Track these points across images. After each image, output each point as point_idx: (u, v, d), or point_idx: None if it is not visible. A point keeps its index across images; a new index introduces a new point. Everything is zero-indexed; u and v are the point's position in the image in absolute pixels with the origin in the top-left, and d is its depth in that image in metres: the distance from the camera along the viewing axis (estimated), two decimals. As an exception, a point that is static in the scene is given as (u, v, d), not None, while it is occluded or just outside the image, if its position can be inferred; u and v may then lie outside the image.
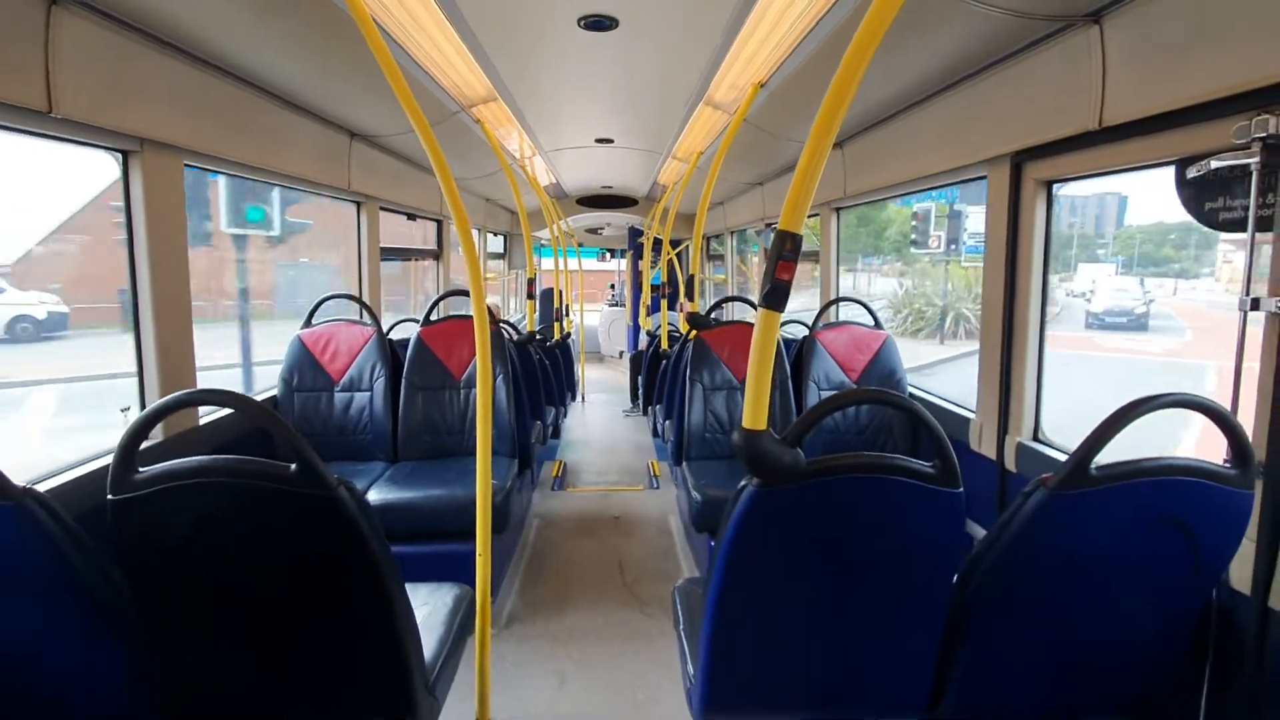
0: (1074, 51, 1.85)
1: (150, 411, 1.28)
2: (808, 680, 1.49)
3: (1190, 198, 1.66)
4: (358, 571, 1.34)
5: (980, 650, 1.44)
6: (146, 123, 2.07)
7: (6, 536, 1.15)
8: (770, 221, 5.57)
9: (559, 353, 5.83)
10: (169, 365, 2.25)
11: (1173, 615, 1.44)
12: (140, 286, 2.18)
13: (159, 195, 2.17)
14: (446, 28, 2.33)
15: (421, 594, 1.93)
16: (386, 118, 3.32)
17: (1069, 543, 1.32)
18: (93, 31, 1.83)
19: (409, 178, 4.45)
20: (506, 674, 2.55)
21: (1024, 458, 2.25)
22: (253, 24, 2.06)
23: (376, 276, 4.00)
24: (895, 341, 3.39)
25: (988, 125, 2.30)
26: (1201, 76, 1.51)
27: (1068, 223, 10.84)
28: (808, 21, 2.18)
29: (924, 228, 10.59)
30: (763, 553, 1.33)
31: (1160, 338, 10.01)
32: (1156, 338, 10.02)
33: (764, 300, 1.23)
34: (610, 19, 2.26)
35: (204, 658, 1.41)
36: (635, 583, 3.30)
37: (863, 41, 1.14)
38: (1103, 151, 1.86)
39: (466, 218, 1.95)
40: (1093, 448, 1.26)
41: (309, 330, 3.34)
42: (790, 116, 3.27)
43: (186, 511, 1.27)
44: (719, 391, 3.43)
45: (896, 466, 1.27)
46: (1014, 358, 2.29)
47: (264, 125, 2.73)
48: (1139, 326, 10.17)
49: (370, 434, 3.29)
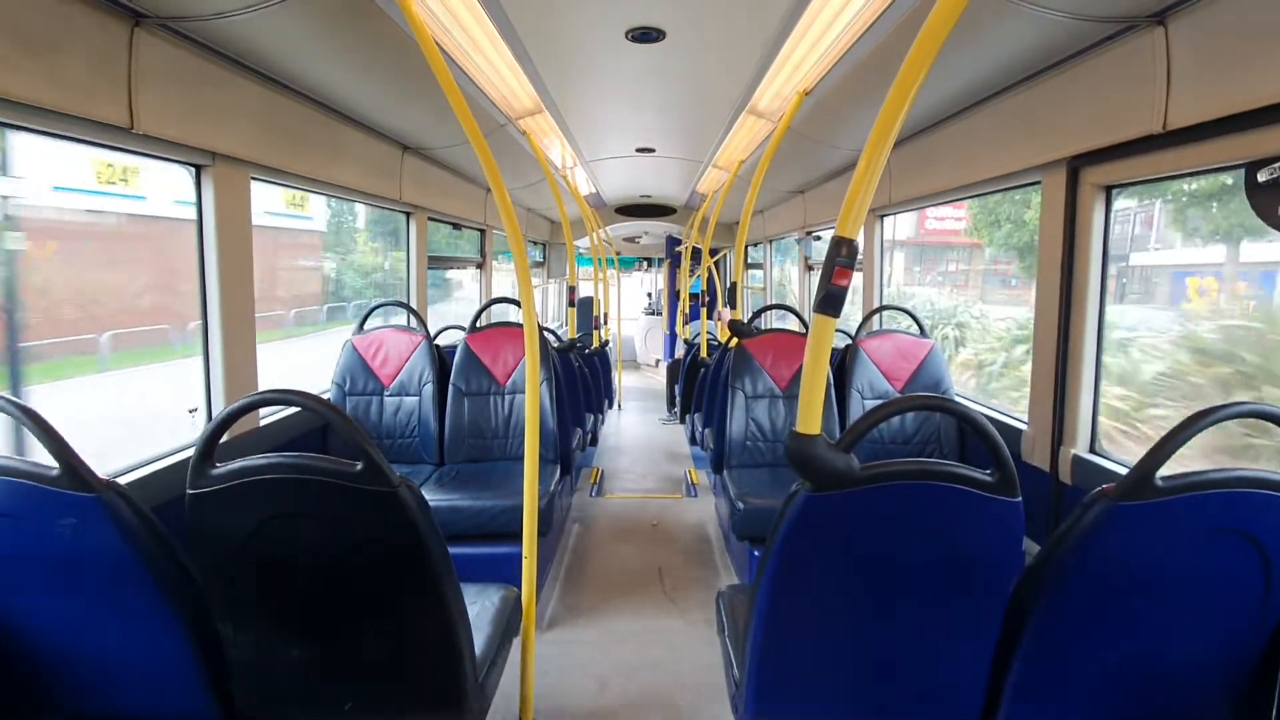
0: (1136, 53, 1.81)
1: (233, 409, 1.35)
2: (855, 688, 1.47)
3: (1261, 201, 1.61)
4: (416, 567, 1.38)
5: (1035, 665, 1.40)
6: (218, 138, 2.18)
7: (89, 527, 1.23)
8: (810, 229, 5.53)
9: (597, 360, 5.88)
10: (234, 368, 2.36)
11: (1240, 635, 1.38)
12: (209, 294, 2.30)
13: (228, 207, 2.28)
14: (498, 42, 2.41)
15: (470, 593, 1.97)
16: (437, 131, 3.43)
17: (1131, 556, 1.28)
18: (171, 53, 1.94)
19: (455, 189, 4.57)
20: (548, 676, 2.57)
21: (1079, 470, 2.18)
22: (317, 44, 2.16)
23: (424, 284, 4.11)
24: (940, 350, 3.33)
25: (1043, 129, 2.26)
26: (1272, 77, 1.46)
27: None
28: (856, 29, 2.17)
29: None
30: (813, 558, 1.33)
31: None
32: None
33: (819, 306, 1.23)
34: (658, 31, 2.30)
35: (267, 647, 1.47)
36: (674, 589, 3.29)
37: (923, 47, 1.14)
38: (1166, 155, 1.81)
39: (520, 230, 2.00)
40: (1158, 457, 1.22)
41: (361, 336, 3.45)
42: (836, 124, 3.25)
43: (257, 506, 1.34)
44: (760, 400, 3.41)
45: (953, 474, 1.25)
46: (1069, 367, 2.23)
47: (323, 139, 2.85)
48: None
49: (418, 437, 3.38)
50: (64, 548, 1.25)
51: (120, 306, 4.64)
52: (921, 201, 3.41)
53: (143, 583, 1.29)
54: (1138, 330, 3.64)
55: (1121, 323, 3.63)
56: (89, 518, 1.22)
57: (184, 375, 2.58)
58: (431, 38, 1.80)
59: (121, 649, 1.38)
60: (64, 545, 1.25)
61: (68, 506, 1.21)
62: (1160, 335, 3.56)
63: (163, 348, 4.74)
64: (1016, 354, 4.75)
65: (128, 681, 1.42)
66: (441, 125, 3.29)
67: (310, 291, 6.47)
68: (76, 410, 4.65)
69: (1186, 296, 3.86)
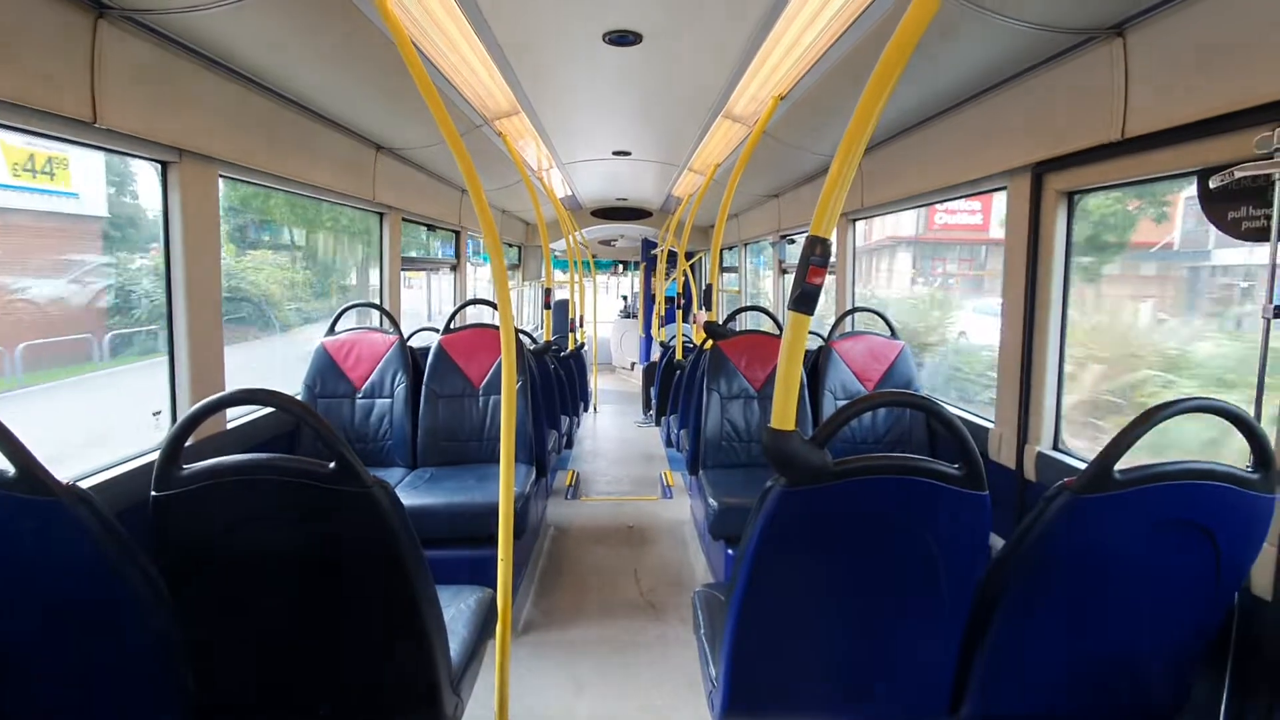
0: (1097, 63, 1.88)
1: (201, 407, 1.32)
2: (829, 681, 1.50)
3: (1212, 208, 1.68)
4: (391, 569, 1.37)
5: (1001, 654, 1.44)
6: (185, 134, 2.13)
7: (50, 533, 1.18)
8: (785, 233, 5.60)
9: (573, 363, 5.87)
10: (200, 369, 2.30)
11: (1195, 621, 1.44)
12: (175, 293, 2.24)
13: (195, 204, 2.23)
14: (475, 42, 2.40)
15: (445, 597, 1.95)
16: (412, 131, 3.39)
17: (1091, 547, 1.33)
18: (137, 45, 1.89)
19: (430, 190, 4.53)
20: (524, 680, 2.55)
21: (1044, 466, 2.25)
22: (290, 40, 2.13)
23: (397, 285, 4.06)
24: (910, 352, 3.40)
25: (1009, 136, 2.33)
26: (1224, 88, 1.53)
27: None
28: (830, 36, 2.22)
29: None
30: (788, 553, 1.35)
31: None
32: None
33: (794, 304, 1.25)
34: (635, 34, 2.32)
35: (237, 653, 1.44)
36: (651, 591, 3.30)
37: (893, 55, 1.17)
38: (1125, 162, 1.88)
39: (496, 232, 1.99)
40: (1116, 452, 1.27)
41: (332, 338, 3.39)
42: (809, 129, 3.30)
43: (226, 508, 1.31)
44: (736, 400, 3.44)
45: (924, 468, 1.28)
46: (1034, 367, 2.29)
47: (295, 137, 2.80)
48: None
49: (390, 440, 3.33)
50: (23, 555, 1.20)
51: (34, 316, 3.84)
52: (892, 206, 3.48)
53: (107, 590, 1.24)
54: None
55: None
56: (49, 523, 1.17)
57: (105, 391, 2.36)
58: (408, 36, 1.79)
59: (86, 659, 1.33)
60: (23, 552, 1.19)
61: (26, 512, 1.16)
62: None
63: (80, 364, 4.11)
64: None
65: (93, 692, 1.37)
66: (416, 125, 3.26)
67: (70, 312, 3.96)
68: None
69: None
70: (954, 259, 8.43)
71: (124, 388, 4.01)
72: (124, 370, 4.10)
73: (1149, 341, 3.17)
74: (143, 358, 3.95)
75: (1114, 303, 3.28)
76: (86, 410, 3.91)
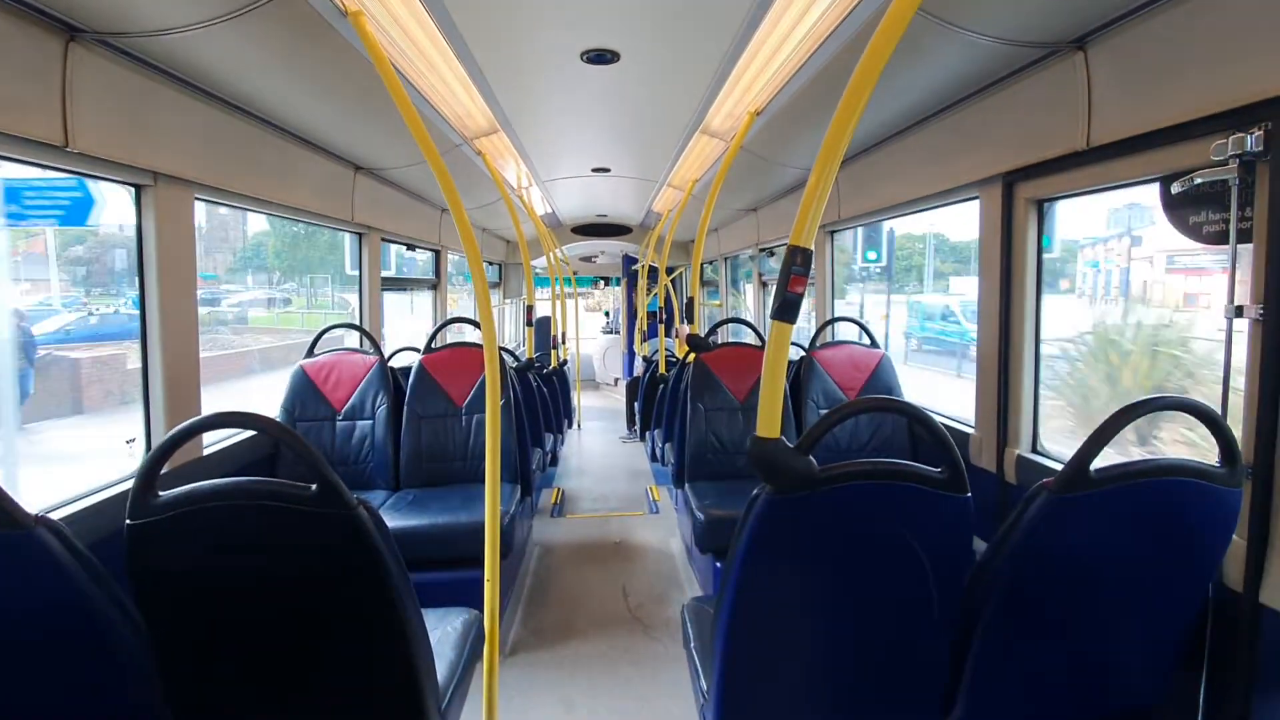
0: (1061, 76, 1.94)
1: (177, 432, 1.30)
2: (821, 688, 1.49)
3: (1175, 213, 1.73)
4: (375, 593, 1.34)
5: (989, 654, 1.45)
6: (160, 157, 2.11)
7: (18, 567, 1.13)
8: (764, 246, 5.66)
9: (555, 380, 5.86)
10: (175, 395, 2.26)
11: (1172, 614, 1.47)
12: (149, 318, 2.20)
13: (170, 228, 2.20)
14: (454, 63, 2.41)
15: (431, 620, 1.91)
16: (391, 151, 3.39)
17: (1071, 545, 1.35)
18: (109, 69, 1.88)
19: (409, 210, 4.52)
20: (513, 702, 2.51)
21: (1023, 469, 2.28)
22: (266, 62, 2.12)
23: (377, 305, 4.03)
24: (891, 360, 3.44)
25: (979, 148, 2.39)
26: (1182, 98, 1.59)
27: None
28: (804, 52, 2.27)
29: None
30: (776, 560, 1.35)
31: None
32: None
33: (776, 313, 1.27)
34: (612, 53, 2.35)
35: (218, 684, 1.40)
36: (639, 607, 3.27)
37: (866, 69, 1.21)
38: (1091, 170, 1.94)
39: (478, 250, 1.99)
40: (1091, 450, 1.29)
41: (311, 360, 3.35)
42: (786, 143, 3.36)
43: (205, 535, 1.27)
44: (720, 412, 3.45)
45: (908, 473, 1.29)
46: (1011, 371, 2.33)
47: (272, 159, 2.78)
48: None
49: (372, 462, 3.29)
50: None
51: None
52: (869, 217, 3.55)
53: (80, 624, 1.20)
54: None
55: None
56: (17, 556, 1.12)
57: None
58: (386, 57, 1.79)
59: (58, 696, 1.27)
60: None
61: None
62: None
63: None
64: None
65: None
66: (395, 145, 3.26)
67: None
68: None
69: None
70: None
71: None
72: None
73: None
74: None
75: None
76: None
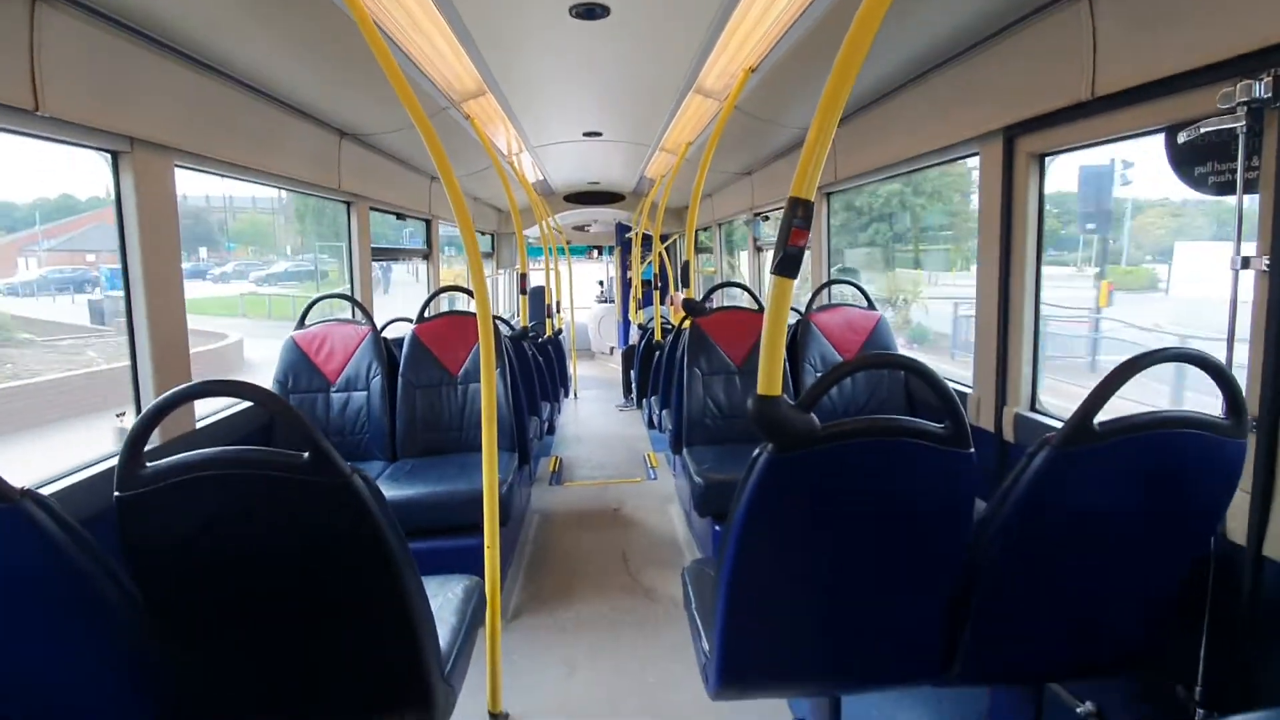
0: (1065, 23, 1.88)
1: (162, 401, 1.27)
2: (821, 646, 1.51)
3: (1181, 163, 1.70)
4: (374, 560, 1.33)
5: (989, 612, 1.46)
6: (137, 122, 2.04)
7: (5, 541, 1.11)
8: (759, 210, 5.59)
9: (551, 349, 5.83)
10: (164, 365, 2.22)
11: (1174, 568, 1.47)
12: (133, 288, 2.16)
13: (150, 195, 2.14)
14: (438, 20, 2.32)
15: (432, 586, 1.92)
16: (376, 115, 3.30)
17: (1074, 500, 1.35)
18: (80, 29, 1.80)
19: (398, 178, 4.43)
20: (516, 665, 2.55)
21: (1021, 427, 2.28)
22: (244, 20, 2.04)
23: (368, 276, 3.97)
24: (888, 321, 3.43)
25: (979, 101, 2.33)
26: (1188, 44, 1.55)
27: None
28: (799, 5, 2.19)
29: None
30: (777, 520, 1.34)
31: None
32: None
33: (777, 268, 1.24)
34: (602, 7, 2.26)
35: (217, 657, 1.40)
36: (639, 571, 3.31)
37: (864, 22, 1.16)
38: (1095, 122, 1.89)
39: (469, 217, 1.94)
40: (1095, 404, 1.28)
41: (302, 331, 3.31)
42: (781, 101, 3.28)
43: (197, 506, 1.25)
44: (717, 376, 3.45)
45: (910, 429, 1.28)
46: (1010, 329, 2.32)
47: (255, 125, 2.70)
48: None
49: (368, 433, 3.28)
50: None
51: None
52: (867, 177, 3.49)
53: (72, 600, 1.18)
54: None
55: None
56: (4, 531, 1.10)
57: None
58: (368, 15, 1.72)
59: (51, 674, 1.25)
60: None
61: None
62: None
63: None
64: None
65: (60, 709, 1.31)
66: (380, 109, 3.17)
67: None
68: None
69: None
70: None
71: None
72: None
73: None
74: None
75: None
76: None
